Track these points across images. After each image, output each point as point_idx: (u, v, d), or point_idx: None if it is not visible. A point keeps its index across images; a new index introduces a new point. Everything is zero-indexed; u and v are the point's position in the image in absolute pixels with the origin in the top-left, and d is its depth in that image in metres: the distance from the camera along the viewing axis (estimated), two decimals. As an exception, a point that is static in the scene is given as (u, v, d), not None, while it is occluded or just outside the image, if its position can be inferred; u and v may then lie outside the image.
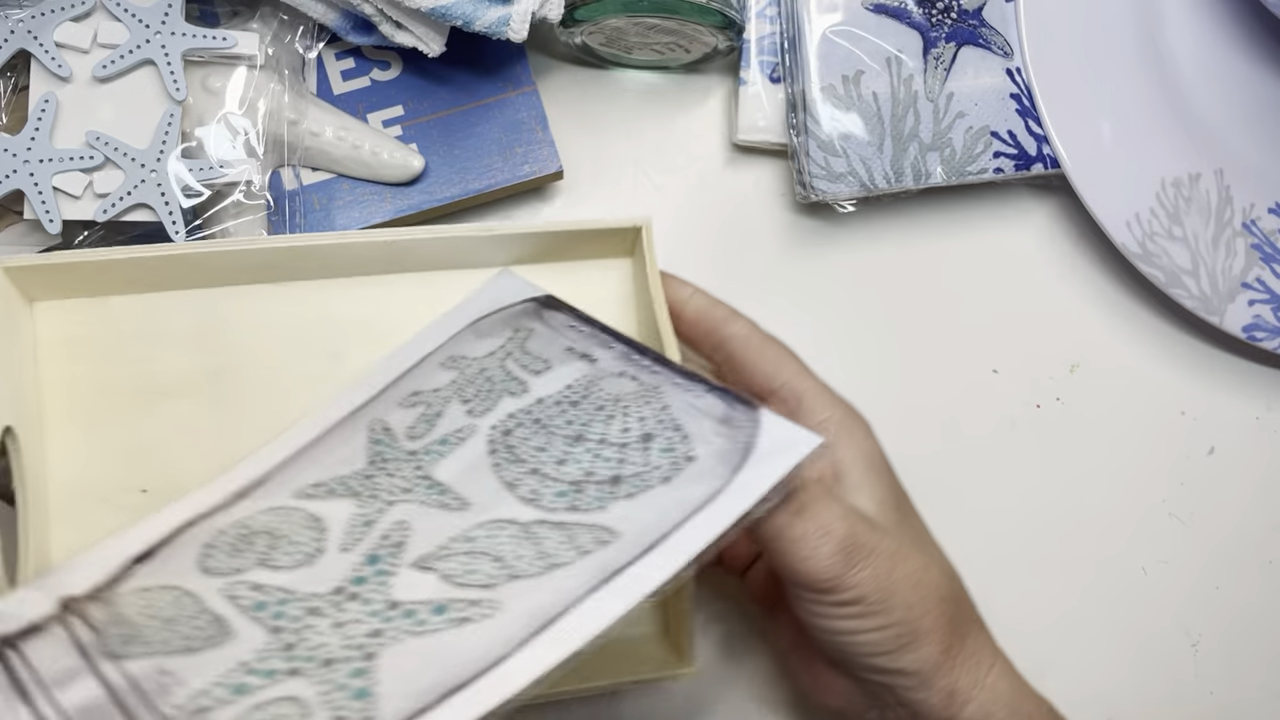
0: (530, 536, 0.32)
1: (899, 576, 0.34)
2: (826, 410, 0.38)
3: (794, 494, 0.33)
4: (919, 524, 0.39)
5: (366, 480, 0.35)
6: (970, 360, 0.50)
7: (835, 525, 0.34)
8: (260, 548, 0.33)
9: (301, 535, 0.34)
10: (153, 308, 0.38)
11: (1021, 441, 0.50)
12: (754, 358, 0.40)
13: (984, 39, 0.49)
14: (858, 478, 0.37)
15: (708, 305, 0.41)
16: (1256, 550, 0.50)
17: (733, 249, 0.50)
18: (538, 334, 0.39)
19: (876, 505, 0.37)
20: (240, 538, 0.34)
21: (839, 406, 0.39)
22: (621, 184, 0.50)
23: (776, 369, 0.39)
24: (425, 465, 0.35)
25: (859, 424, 0.39)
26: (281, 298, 0.40)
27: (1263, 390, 0.51)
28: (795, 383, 0.39)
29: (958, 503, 0.49)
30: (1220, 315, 0.48)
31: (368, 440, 0.37)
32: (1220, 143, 0.49)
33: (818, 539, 0.33)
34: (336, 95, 0.47)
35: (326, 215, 0.46)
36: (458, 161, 0.47)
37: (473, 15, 0.42)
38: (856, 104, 0.47)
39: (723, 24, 0.46)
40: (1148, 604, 0.49)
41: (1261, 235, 0.49)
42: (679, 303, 0.41)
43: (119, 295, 0.38)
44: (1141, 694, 0.49)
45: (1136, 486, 0.50)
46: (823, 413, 0.38)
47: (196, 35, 0.42)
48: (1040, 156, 0.48)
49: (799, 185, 0.48)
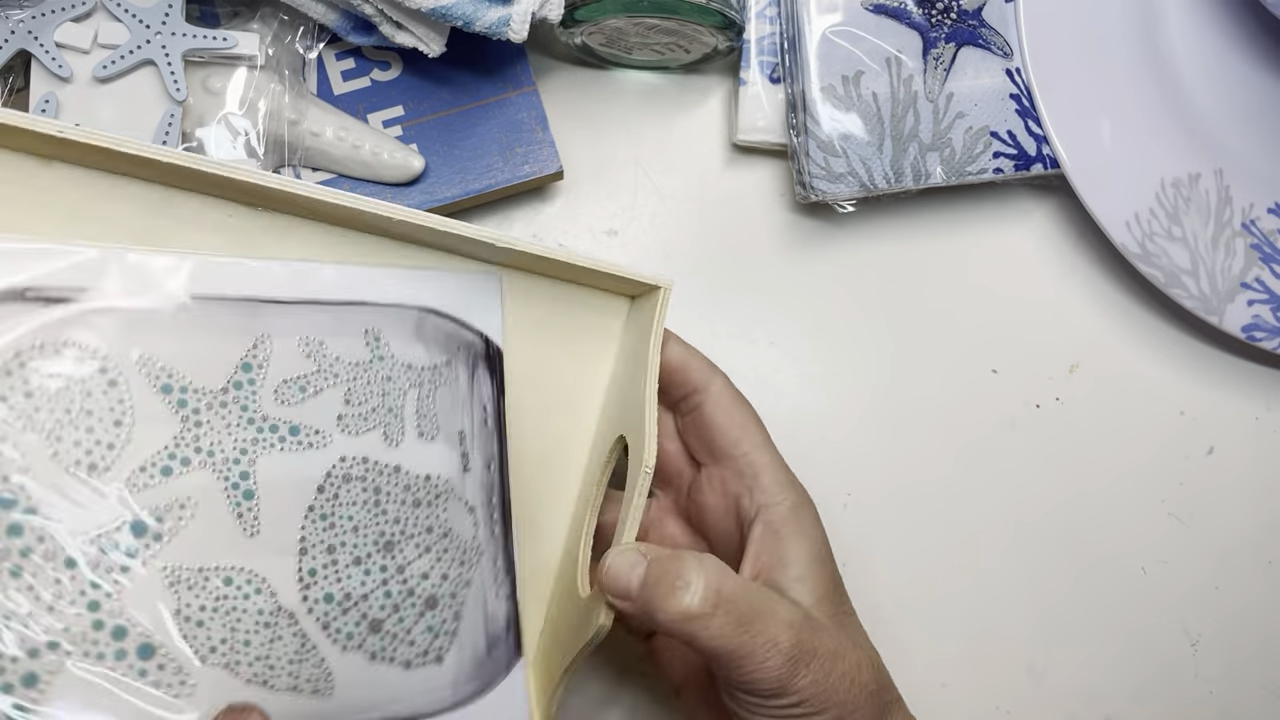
0: (272, 624, 0.31)
1: (837, 676, 0.35)
2: (780, 493, 0.39)
3: (732, 603, 0.34)
4: (851, 612, 0.39)
5: (208, 410, 0.32)
6: (970, 360, 0.50)
7: (782, 636, 0.34)
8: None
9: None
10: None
11: (1021, 441, 0.50)
12: (722, 420, 0.40)
13: (984, 39, 0.49)
14: (801, 570, 0.37)
15: (686, 355, 0.40)
16: (1256, 550, 0.50)
17: (733, 249, 0.50)
18: (454, 387, 0.37)
19: (817, 599, 0.37)
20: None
21: (793, 491, 0.39)
22: (621, 184, 0.50)
23: (741, 435, 0.39)
24: (259, 443, 0.33)
25: (809, 511, 0.39)
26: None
27: (1262, 390, 0.51)
28: (756, 456, 0.39)
29: (957, 503, 0.49)
30: (1219, 315, 0.48)
31: (239, 361, 0.33)
32: (1220, 143, 0.49)
33: (766, 652, 0.34)
34: (337, 95, 0.47)
35: (327, 215, 0.46)
36: (458, 162, 0.47)
37: (473, 16, 0.42)
38: (856, 104, 0.47)
39: (723, 24, 0.46)
40: (1147, 604, 0.49)
41: (1261, 235, 0.49)
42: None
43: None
44: (1141, 694, 0.49)
45: (1136, 486, 0.50)
46: (776, 495, 0.38)
47: (197, 36, 0.42)
48: (1040, 157, 0.48)
49: (799, 185, 0.48)
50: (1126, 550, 0.50)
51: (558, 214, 0.50)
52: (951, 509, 0.49)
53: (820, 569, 0.38)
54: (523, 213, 0.50)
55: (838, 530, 0.49)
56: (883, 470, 0.49)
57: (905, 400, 0.50)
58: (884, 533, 0.49)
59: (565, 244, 0.50)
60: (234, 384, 0.33)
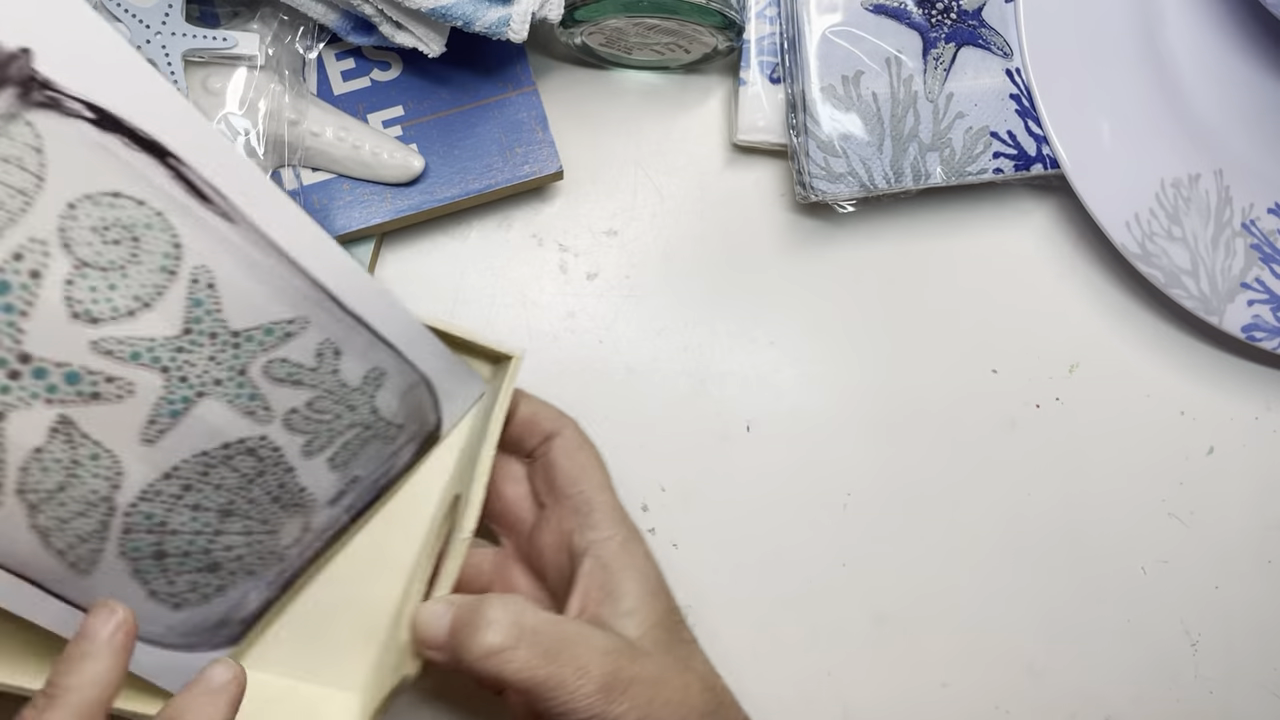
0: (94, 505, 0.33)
1: (660, 703, 0.35)
2: (610, 529, 0.40)
3: (536, 635, 0.35)
4: (688, 641, 0.40)
5: (210, 337, 0.34)
6: (970, 360, 0.50)
7: (593, 664, 0.35)
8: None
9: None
10: None
11: (1021, 441, 0.50)
12: (564, 463, 0.41)
13: (984, 39, 0.49)
14: (631, 602, 0.38)
15: (536, 407, 0.42)
16: (1256, 550, 0.50)
17: (732, 249, 0.50)
18: (388, 444, 0.40)
19: (646, 629, 0.38)
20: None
21: (623, 527, 0.40)
22: (621, 184, 0.50)
23: (580, 476, 0.41)
24: (218, 388, 0.34)
25: (639, 546, 0.40)
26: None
27: (1262, 390, 0.51)
28: (592, 495, 0.41)
29: (957, 502, 0.49)
30: (1219, 315, 0.48)
31: (265, 324, 0.35)
32: (1220, 143, 0.49)
33: (576, 680, 0.34)
34: (337, 96, 0.47)
35: (327, 215, 0.46)
36: (458, 162, 0.47)
37: (473, 16, 0.42)
38: (856, 104, 0.47)
39: (722, 24, 0.46)
40: (1147, 604, 0.49)
41: (1261, 235, 0.49)
42: (512, 407, 0.42)
43: None
44: (1141, 693, 0.49)
45: (1136, 486, 0.50)
46: (606, 530, 0.40)
47: (197, 36, 0.42)
48: (1040, 157, 0.48)
49: (799, 185, 0.48)
50: (1126, 550, 0.50)
51: (558, 214, 0.50)
52: (951, 509, 0.50)
53: (651, 599, 0.39)
54: (523, 213, 0.50)
55: (838, 530, 0.49)
56: (883, 470, 0.49)
57: (905, 400, 0.50)
58: (884, 533, 0.49)
59: (565, 244, 0.50)
60: (246, 336, 0.34)
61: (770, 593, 0.48)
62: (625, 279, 0.50)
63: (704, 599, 0.48)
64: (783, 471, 0.49)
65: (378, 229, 0.47)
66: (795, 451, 0.49)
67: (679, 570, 0.48)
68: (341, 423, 0.38)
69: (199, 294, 0.33)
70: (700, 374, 0.49)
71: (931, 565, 0.49)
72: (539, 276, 0.50)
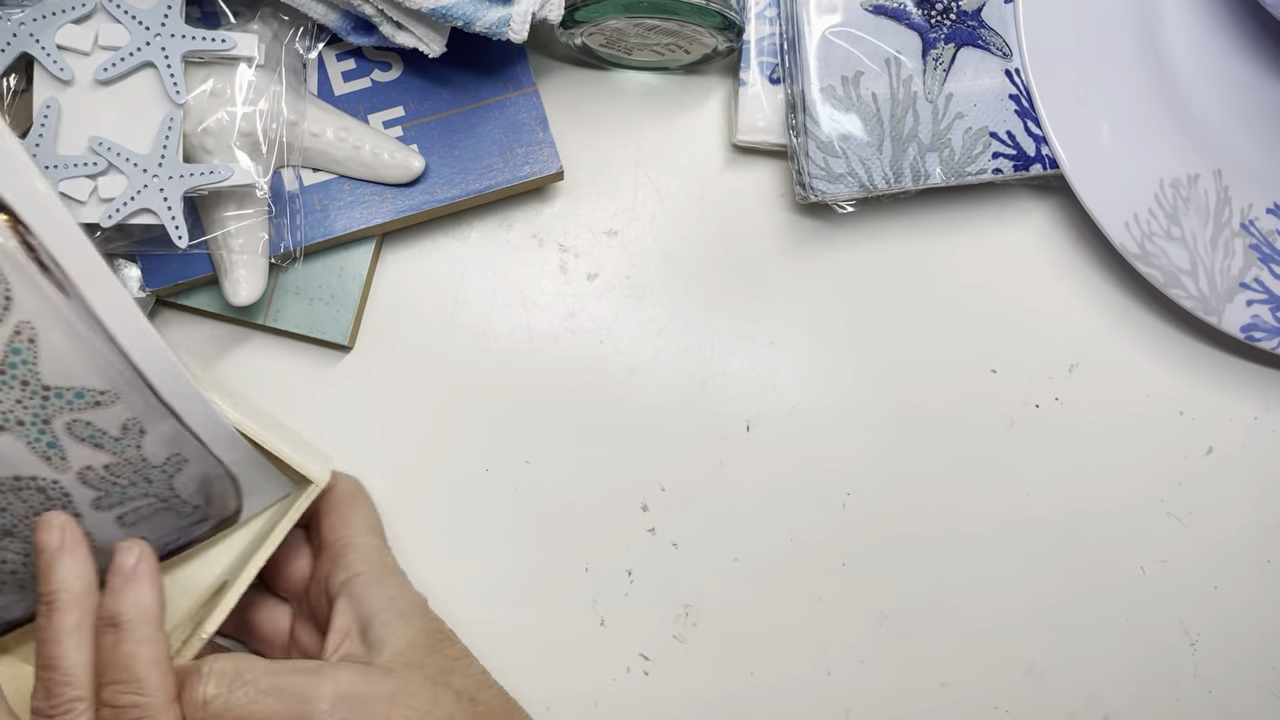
0: None
1: (400, 715, 0.37)
2: (362, 565, 0.43)
3: (260, 679, 0.37)
4: (454, 657, 0.41)
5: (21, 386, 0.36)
6: (969, 360, 0.50)
7: (319, 689, 0.37)
8: None
9: None
10: None
11: (1020, 441, 0.50)
12: (328, 514, 0.45)
13: (983, 40, 0.49)
14: (379, 629, 0.40)
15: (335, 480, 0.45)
16: (1255, 550, 0.50)
17: (732, 249, 0.50)
18: (177, 519, 0.42)
19: (399, 650, 0.40)
20: None
21: (377, 564, 0.43)
22: (621, 184, 0.50)
23: (339, 524, 0.44)
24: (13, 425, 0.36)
25: (392, 577, 0.43)
26: None
27: (1261, 390, 0.51)
28: (350, 538, 0.44)
29: (957, 503, 0.50)
30: (1218, 315, 0.49)
31: (79, 389, 0.37)
32: (1219, 143, 0.49)
33: (303, 708, 0.36)
34: (337, 96, 0.47)
35: (327, 216, 0.46)
36: (458, 162, 0.47)
37: (473, 16, 0.43)
38: (856, 105, 0.47)
39: (722, 25, 0.46)
40: (1146, 603, 0.49)
41: (1260, 235, 0.49)
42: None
43: None
44: (1141, 694, 0.49)
45: (1135, 486, 0.50)
46: (357, 567, 0.43)
47: (197, 37, 0.42)
48: (1039, 157, 0.48)
49: (798, 186, 0.48)
50: (1126, 550, 0.50)
51: (558, 214, 0.50)
52: (951, 509, 0.50)
53: (403, 623, 0.41)
54: (523, 213, 0.50)
55: (838, 530, 0.49)
56: (883, 470, 0.49)
57: (905, 400, 0.50)
58: (884, 533, 0.49)
59: (566, 244, 0.50)
60: (57, 393, 0.36)
61: (769, 592, 0.48)
62: (625, 279, 0.50)
63: (704, 599, 0.48)
64: (783, 471, 0.49)
65: (378, 229, 0.47)
66: (795, 451, 0.49)
67: (679, 570, 0.48)
68: (136, 490, 0.40)
69: (19, 344, 0.35)
70: (700, 374, 0.49)
71: (931, 565, 0.49)
72: (539, 277, 0.50)
